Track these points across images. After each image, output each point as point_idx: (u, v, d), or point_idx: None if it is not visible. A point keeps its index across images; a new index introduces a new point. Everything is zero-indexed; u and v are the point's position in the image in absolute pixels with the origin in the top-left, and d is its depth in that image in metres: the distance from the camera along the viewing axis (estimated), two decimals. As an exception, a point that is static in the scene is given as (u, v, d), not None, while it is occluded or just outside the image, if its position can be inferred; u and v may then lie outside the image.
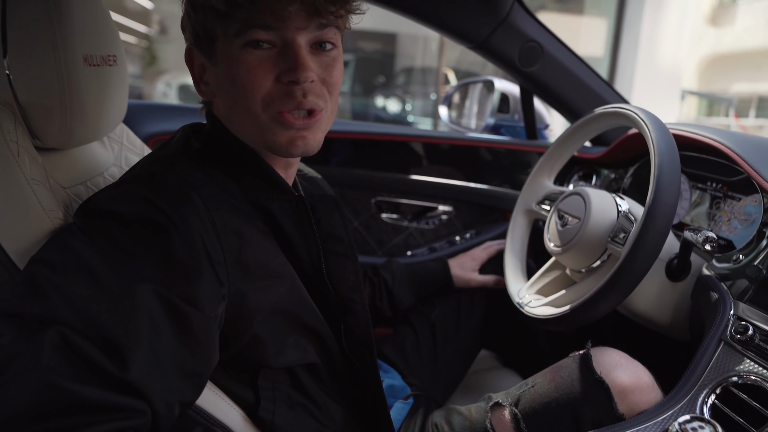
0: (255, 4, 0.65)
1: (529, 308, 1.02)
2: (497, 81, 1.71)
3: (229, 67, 0.69)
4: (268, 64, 0.68)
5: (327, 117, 0.73)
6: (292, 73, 0.67)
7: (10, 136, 0.67)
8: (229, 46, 0.68)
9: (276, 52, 0.68)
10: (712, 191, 1.05)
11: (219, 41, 0.69)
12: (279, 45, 0.68)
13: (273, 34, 0.67)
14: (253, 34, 0.66)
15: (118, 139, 0.98)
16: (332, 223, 0.80)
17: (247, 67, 0.67)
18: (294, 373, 0.76)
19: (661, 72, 6.83)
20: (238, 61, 0.67)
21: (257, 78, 0.67)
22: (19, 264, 0.64)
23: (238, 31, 0.67)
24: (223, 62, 0.69)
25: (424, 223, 1.56)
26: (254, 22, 0.66)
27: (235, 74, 0.68)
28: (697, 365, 0.77)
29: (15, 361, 0.51)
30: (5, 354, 0.52)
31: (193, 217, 0.63)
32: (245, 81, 0.68)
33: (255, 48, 0.67)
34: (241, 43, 0.67)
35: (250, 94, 0.68)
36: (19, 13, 0.70)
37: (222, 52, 0.69)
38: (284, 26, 0.67)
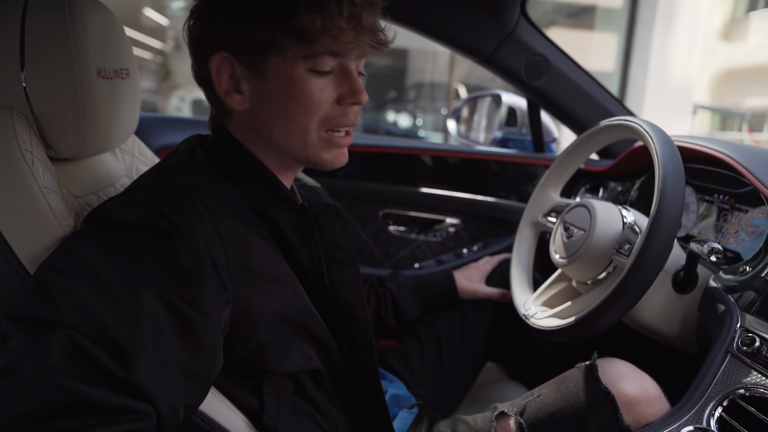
0: (340, 31, 0.69)
1: (534, 320, 1.02)
2: (505, 95, 1.73)
3: (288, 86, 0.71)
4: (329, 89, 0.73)
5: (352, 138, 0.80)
6: (355, 96, 0.74)
7: (25, 146, 0.69)
8: (290, 66, 0.70)
9: (334, 77, 0.73)
10: (719, 203, 1.05)
11: (276, 57, 0.70)
12: (336, 70, 0.73)
13: (336, 60, 0.72)
14: (323, 61, 0.71)
15: (130, 151, 1.00)
16: (334, 231, 0.82)
17: (311, 90, 0.71)
18: (298, 380, 0.77)
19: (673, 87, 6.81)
20: (302, 83, 0.71)
21: (320, 101, 0.72)
22: (30, 269, 0.65)
23: (308, 55, 0.70)
24: (278, 80, 0.71)
25: (432, 236, 1.57)
26: (327, 49, 0.70)
27: (297, 95, 0.71)
28: (703, 377, 0.76)
29: (24, 363, 0.53)
30: (15, 355, 0.53)
31: (197, 224, 0.64)
32: (308, 104, 0.72)
33: (321, 74, 0.72)
34: (306, 67, 0.70)
35: (310, 114, 0.72)
36: (36, 27, 0.72)
37: (278, 70, 0.71)
38: (348, 55, 0.72)
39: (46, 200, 0.68)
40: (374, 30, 0.72)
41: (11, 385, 0.52)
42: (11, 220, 0.66)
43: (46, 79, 0.73)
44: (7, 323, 0.56)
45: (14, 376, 0.52)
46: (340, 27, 0.68)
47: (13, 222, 0.66)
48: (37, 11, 0.73)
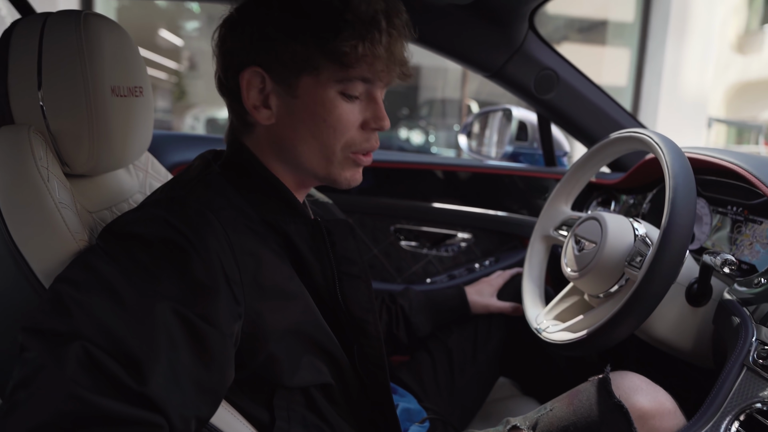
0: (373, 63, 0.71)
1: (546, 334, 1.01)
2: (515, 109, 1.73)
3: (319, 107, 0.73)
4: (356, 113, 0.75)
5: None
6: (379, 122, 0.76)
7: (41, 162, 0.71)
8: (322, 86, 0.72)
9: (361, 102, 0.75)
10: (733, 215, 1.04)
11: (309, 77, 0.72)
12: (364, 96, 0.75)
13: (366, 86, 0.74)
14: (355, 86, 0.73)
15: (144, 167, 1.02)
16: (346, 246, 0.82)
17: (339, 112, 0.73)
18: (309, 394, 0.77)
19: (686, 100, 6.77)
20: (332, 104, 0.73)
21: (348, 124, 0.75)
22: (45, 283, 0.66)
23: (341, 79, 0.72)
24: (309, 99, 0.73)
25: (444, 251, 1.57)
26: (360, 75, 0.72)
27: (326, 115, 0.73)
28: (719, 391, 0.75)
29: (41, 373, 0.53)
30: (32, 366, 0.54)
31: (210, 239, 0.65)
32: (336, 125, 0.74)
33: (350, 98, 0.74)
34: (338, 89, 0.73)
35: (337, 135, 0.74)
36: (53, 47, 0.75)
37: (309, 88, 0.73)
38: (378, 83, 0.75)
39: (60, 215, 0.69)
40: (403, 61, 0.75)
41: (28, 395, 0.53)
42: (27, 234, 0.67)
43: (62, 98, 0.75)
44: (24, 335, 0.57)
45: (31, 387, 0.53)
46: (378, 55, 0.71)
47: (29, 236, 0.67)
48: (54, 32, 0.75)
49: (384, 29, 0.71)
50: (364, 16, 0.70)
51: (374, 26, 0.70)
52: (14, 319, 0.68)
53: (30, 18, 0.77)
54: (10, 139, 0.71)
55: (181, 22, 7.93)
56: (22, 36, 0.76)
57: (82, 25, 0.76)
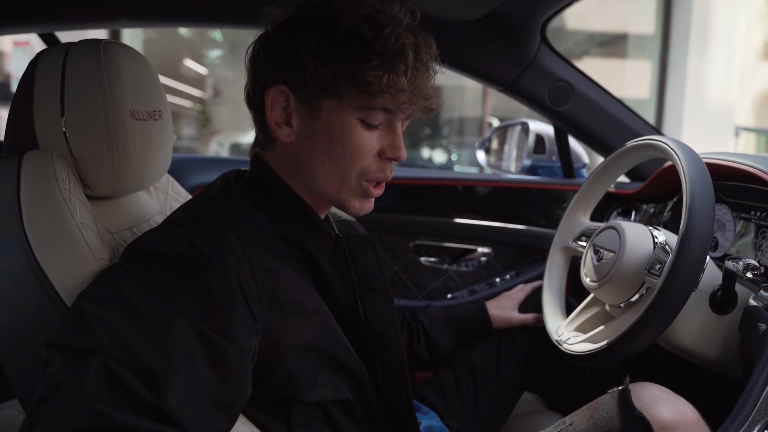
0: (396, 95, 0.72)
1: (567, 345, 1.00)
2: (532, 122, 1.73)
3: (338, 132, 0.74)
4: (374, 141, 0.76)
5: None
6: (396, 152, 0.77)
7: (63, 185, 0.73)
8: (345, 112, 0.74)
9: (380, 130, 0.76)
10: (757, 220, 1.01)
11: (332, 100, 0.74)
12: (383, 125, 0.76)
13: (387, 116, 0.75)
14: (376, 115, 0.74)
15: (164, 189, 1.04)
16: (367, 262, 0.82)
17: (358, 138, 0.75)
18: (326, 410, 0.76)
19: (711, 110, 6.65)
20: (352, 130, 0.74)
21: (365, 151, 0.76)
22: (67, 301, 0.68)
23: (363, 107, 0.74)
24: (329, 122, 0.74)
25: (464, 266, 1.56)
26: (382, 105, 0.73)
27: (344, 140, 0.74)
28: (746, 400, 0.72)
29: (62, 387, 0.55)
30: (54, 381, 0.55)
31: (229, 256, 0.66)
32: (353, 150, 0.75)
33: (370, 126, 0.75)
34: (359, 116, 0.74)
35: (353, 162, 0.75)
36: (75, 75, 0.78)
37: (332, 113, 0.74)
38: (399, 114, 0.75)
39: (82, 235, 0.71)
40: (427, 96, 0.76)
41: (50, 409, 0.54)
42: (50, 254, 0.70)
43: (83, 122, 0.78)
44: (47, 351, 0.58)
45: (52, 401, 0.54)
46: (401, 87, 0.72)
47: (51, 256, 0.70)
48: (75, 61, 0.78)
49: (410, 63, 0.72)
50: (392, 48, 0.71)
51: (401, 59, 0.71)
52: (38, 337, 0.70)
53: (53, 48, 0.81)
54: (34, 163, 0.74)
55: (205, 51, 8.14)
56: (46, 66, 0.79)
57: (102, 52, 0.79)
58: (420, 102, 0.75)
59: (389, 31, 0.71)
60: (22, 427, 0.54)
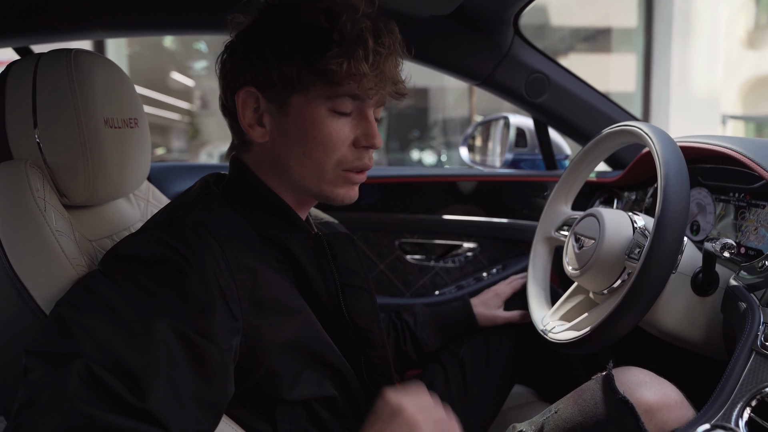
0: (363, 76, 0.72)
1: (552, 334, 1.00)
2: (512, 116, 1.73)
3: (308, 125, 0.75)
4: (347, 130, 0.76)
5: None
6: (370, 139, 0.77)
7: (38, 194, 0.73)
8: (314, 105, 0.74)
9: (352, 120, 0.76)
10: (736, 201, 1.02)
11: (300, 95, 0.75)
12: (355, 113, 0.77)
13: (356, 104, 0.76)
14: (343, 103, 0.75)
15: (144, 197, 1.04)
16: (348, 258, 0.83)
17: (329, 129, 0.75)
18: (311, 407, 0.77)
19: (698, 100, 6.70)
20: (322, 122, 0.74)
21: (338, 142, 0.76)
22: (45, 309, 0.68)
23: (330, 96, 0.74)
24: (299, 117, 0.75)
25: (450, 262, 1.56)
26: (349, 92, 0.74)
27: (315, 133, 0.75)
28: (728, 378, 0.73)
29: (44, 392, 0.55)
30: (36, 386, 0.55)
31: (207, 257, 0.67)
32: (326, 142, 0.75)
33: (340, 115, 0.75)
34: (328, 107, 0.74)
35: (327, 153, 0.76)
36: (45, 85, 0.78)
37: (301, 107, 0.75)
38: (368, 100, 0.76)
39: (58, 243, 0.71)
40: (395, 80, 0.77)
41: (33, 413, 0.54)
42: (26, 262, 0.70)
43: (57, 132, 0.78)
44: (27, 357, 0.58)
45: (35, 406, 0.54)
46: (364, 72, 0.72)
47: (28, 264, 0.70)
48: (46, 70, 0.78)
49: (371, 48, 0.72)
50: (350, 35, 0.72)
51: (359, 44, 0.72)
52: (17, 346, 0.70)
53: (23, 59, 0.81)
54: (8, 173, 0.74)
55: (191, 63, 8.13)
56: (17, 77, 0.79)
57: (73, 61, 0.79)
58: (387, 87, 0.76)
59: (345, 18, 0.72)
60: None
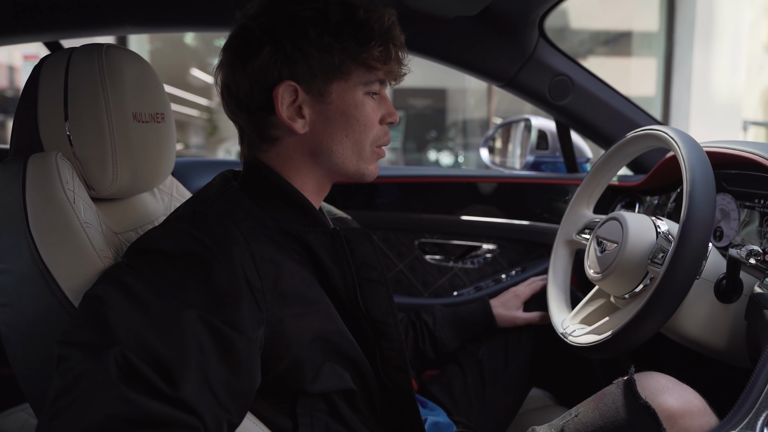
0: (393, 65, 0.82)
1: (572, 338, 0.99)
2: (534, 119, 1.73)
3: (350, 108, 0.80)
4: (378, 109, 0.84)
5: None
6: (393, 116, 0.85)
7: (68, 186, 0.75)
8: (353, 90, 0.80)
9: (377, 100, 0.84)
10: (761, 208, 1.01)
11: (340, 83, 0.80)
12: (379, 95, 0.84)
13: (381, 86, 0.83)
14: (377, 86, 0.83)
15: (168, 191, 1.05)
16: (365, 253, 0.84)
17: (368, 110, 0.82)
18: (332, 401, 0.77)
19: (718, 105, 6.60)
20: (362, 104, 0.81)
21: (374, 120, 0.83)
22: (72, 300, 0.69)
23: (366, 81, 0.80)
24: (339, 101, 0.80)
25: (469, 263, 1.56)
26: (380, 77, 0.82)
27: (357, 114, 0.81)
28: (753, 386, 0.72)
29: (83, 378, 0.56)
30: (73, 374, 0.57)
31: (233, 248, 0.68)
32: (366, 122, 0.82)
33: (373, 97, 0.83)
34: (364, 90, 0.81)
35: (367, 132, 0.83)
36: (77, 79, 0.79)
37: (341, 93, 0.80)
38: (388, 81, 0.84)
39: (86, 235, 0.73)
40: (402, 62, 0.85)
41: (72, 401, 0.55)
42: (55, 253, 0.71)
43: (86, 126, 0.79)
44: (60, 348, 0.59)
45: (74, 393, 0.55)
46: (392, 58, 0.81)
47: (57, 255, 0.71)
48: (78, 65, 0.80)
49: (397, 36, 0.81)
50: (384, 26, 0.80)
51: (390, 34, 0.80)
52: (46, 336, 0.71)
53: (56, 54, 0.82)
54: (39, 165, 0.75)
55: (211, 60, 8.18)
56: (50, 71, 0.81)
57: (104, 56, 0.81)
58: (401, 69, 0.85)
59: (378, 13, 0.80)
60: (42, 421, 0.55)
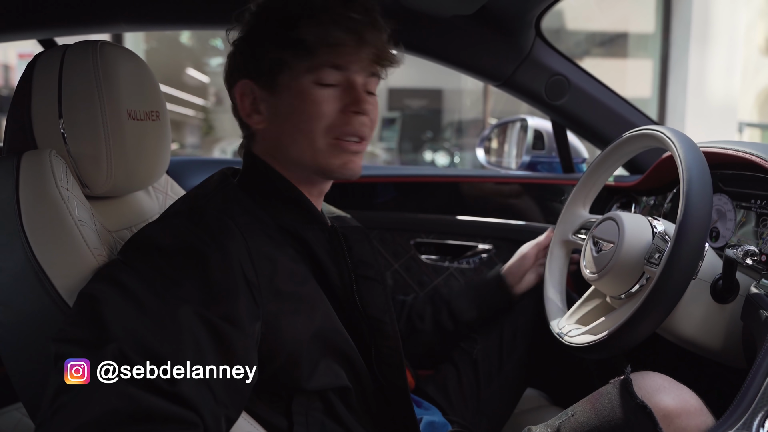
0: (338, 46, 0.75)
1: (568, 338, 0.99)
2: (530, 119, 1.73)
3: (296, 99, 0.77)
4: (333, 99, 0.78)
5: (365, 149, 0.83)
6: (357, 104, 0.78)
7: (61, 184, 0.74)
8: (298, 80, 0.77)
9: (340, 90, 0.78)
10: (757, 209, 1.01)
11: (285, 75, 0.77)
12: (342, 84, 0.78)
13: (340, 74, 0.77)
14: (325, 73, 0.76)
15: (163, 190, 1.05)
16: (362, 251, 0.84)
17: (315, 100, 0.77)
18: (327, 399, 0.77)
19: (714, 107, 6.63)
20: (308, 94, 0.77)
21: (325, 109, 0.78)
22: (66, 298, 0.69)
23: (310, 68, 0.76)
24: (287, 94, 0.78)
25: (465, 263, 1.56)
26: (329, 63, 0.76)
27: (302, 105, 0.77)
28: (749, 387, 0.72)
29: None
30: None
31: (230, 244, 0.68)
32: (311, 112, 0.77)
33: (324, 86, 0.77)
34: (311, 80, 0.77)
35: (314, 121, 0.77)
36: (71, 76, 0.79)
37: (288, 85, 0.78)
38: (351, 69, 0.77)
39: (80, 232, 0.72)
40: (378, 47, 0.78)
41: (72, 397, 0.55)
42: (48, 251, 0.70)
43: (81, 123, 0.79)
44: (56, 346, 0.59)
45: (73, 389, 0.55)
46: (339, 39, 0.75)
47: (50, 254, 0.70)
48: (72, 62, 0.79)
49: (341, 15, 0.75)
50: (317, 5, 0.75)
51: (327, 13, 0.75)
52: (40, 335, 0.70)
53: (50, 50, 0.82)
54: (32, 162, 0.75)
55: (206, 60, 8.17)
56: (44, 68, 0.80)
57: (98, 53, 0.80)
58: (367, 53, 0.77)
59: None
60: (42, 418, 0.55)
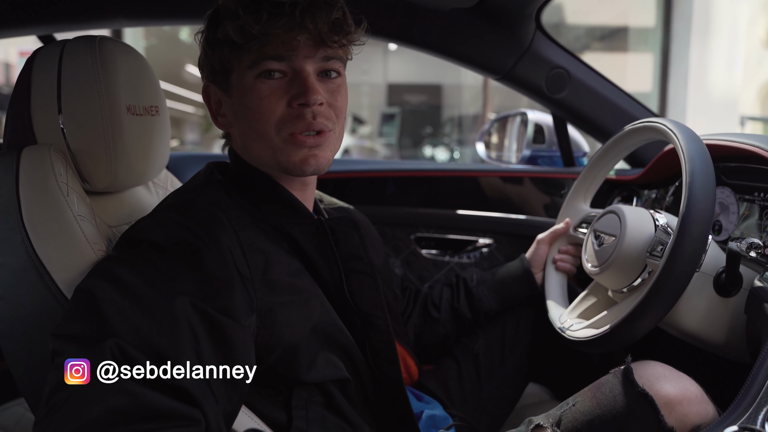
0: (267, 36, 0.72)
1: (570, 332, 0.99)
2: (530, 112, 1.72)
3: (244, 97, 0.75)
4: (279, 92, 0.75)
5: (335, 138, 0.79)
6: (302, 96, 0.74)
7: (61, 179, 0.74)
8: (243, 77, 0.75)
9: (287, 80, 0.75)
10: (761, 201, 1.00)
11: (234, 74, 0.76)
12: (289, 74, 0.75)
13: (284, 64, 0.74)
14: (265, 65, 0.73)
15: (163, 185, 1.04)
16: (351, 244, 0.83)
17: (260, 95, 0.74)
18: (328, 392, 0.77)
19: (716, 101, 6.61)
20: (252, 90, 0.74)
21: (270, 104, 0.74)
22: (65, 291, 0.69)
23: (252, 63, 0.74)
24: (237, 93, 0.76)
25: (465, 257, 1.55)
26: (267, 54, 0.73)
27: (249, 103, 0.75)
28: (753, 381, 0.72)
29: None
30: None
31: (222, 236, 0.68)
32: (259, 108, 0.74)
33: (267, 78, 0.74)
34: (254, 74, 0.74)
35: (264, 119, 0.75)
36: (71, 72, 0.78)
37: (237, 84, 0.76)
38: (294, 56, 0.74)
39: (80, 227, 0.72)
40: (320, 28, 0.73)
41: (69, 395, 0.54)
42: (48, 246, 0.70)
43: (80, 118, 0.79)
44: (54, 341, 0.59)
45: (70, 387, 0.55)
46: (264, 30, 0.71)
47: (50, 248, 0.70)
48: (71, 57, 0.79)
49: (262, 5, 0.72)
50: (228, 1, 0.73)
51: (243, 5, 0.72)
52: (40, 329, 0.70)
53: (49, 46, 0.81)
54: (32, 158, 0.74)
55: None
56: (43, 63, 0.80)
57: (97, 48, 0.79)
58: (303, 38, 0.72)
59: None
60: (39, 416, 0.55)
